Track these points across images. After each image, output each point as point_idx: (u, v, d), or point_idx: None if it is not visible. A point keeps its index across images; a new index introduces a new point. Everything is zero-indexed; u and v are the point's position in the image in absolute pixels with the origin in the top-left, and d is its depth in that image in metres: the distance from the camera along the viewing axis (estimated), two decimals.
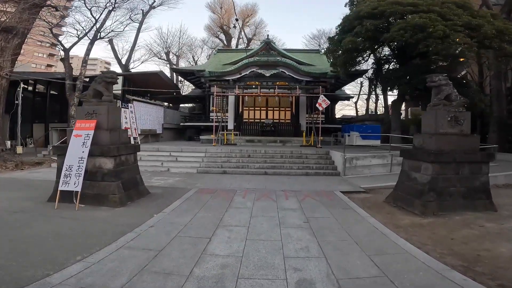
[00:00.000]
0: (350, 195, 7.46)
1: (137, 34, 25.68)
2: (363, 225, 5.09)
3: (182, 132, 22.37)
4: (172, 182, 8.55)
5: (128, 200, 5.96)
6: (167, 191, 7.42)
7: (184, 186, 8.08)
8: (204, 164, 10.52)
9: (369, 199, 7.17)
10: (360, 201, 6.90)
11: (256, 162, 10.59)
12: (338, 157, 10.23)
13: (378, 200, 6.98)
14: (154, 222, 5.00)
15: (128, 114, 14.43)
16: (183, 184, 8.36)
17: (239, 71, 17.25)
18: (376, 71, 14.83)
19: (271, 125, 17.35)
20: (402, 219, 5.46)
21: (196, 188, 7.82)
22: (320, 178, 9.56)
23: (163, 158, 11.16)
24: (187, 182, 8.63)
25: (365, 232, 4.68)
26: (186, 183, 8.50)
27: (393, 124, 13.74)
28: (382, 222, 5.17)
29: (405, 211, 5.91)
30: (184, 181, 8.78)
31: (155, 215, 5.36)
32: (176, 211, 5.72)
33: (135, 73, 22.05)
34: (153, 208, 5.84)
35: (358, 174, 9.88)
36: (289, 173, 9.84)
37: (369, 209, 6.15)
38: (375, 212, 5.91)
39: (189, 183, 8.43)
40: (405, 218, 5.53)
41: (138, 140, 15.06)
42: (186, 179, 9.01)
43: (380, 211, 6.03)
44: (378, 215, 5.70)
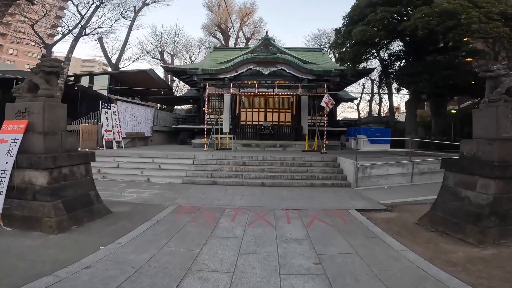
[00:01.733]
0: (369, 214, 5.92)
1: (129, 32, 24.28)
2: (401, 264, 3.57)
3: (175, 135, 20.82)
4: (147, 197, 6.98)
5: (73, 223, 4.42)
6: (137, 210, 5.85)
7: (161, 202, 6.51)
8: (191, 173, 8.96)
9: (395, 220, 5.60)
10: (385, 223, 5.34)
11: (252, 170, 9.03)
12: (349, 165, 8.68)
13: (407, 221, 5.44)
14: (95, 259, 3.49)
15: (110, 115, 12.92)
16: (160, 199, 6.79)
17: (235, 69, 15.77)
18: (386, 68, 13.35)
19: (270, 128, 15.81)
20: (452, 252, 3.96)
21: (175, 205, 6.26)
22: (327, 190, 7.99)
23: (144, 165, 9.60)
24: (166, 196, 7.07)
25: (408, 278, 3.18)
26: (164, 197, 6.93)
27: (407, 127, 12.21)
28: (427, 258, 3.69)
29: (451, 238, 4.42)
30: (163, 194, 7.21)
31: (102, 248, 3.85)
32: (135, 241, 4.18)
33: (122, 71, 20.61)
34: (106, 235, 4.32)
35: (372, 185, 8.32)
36: (291, 184, 8.27)
37: (400, 236, 4.61)
38: (410, 241, 4.39)
39: (168, 198, 6.87)
40: (457, 249, 4.03)
41: (122, 144, 13.54)
42: (166, 192, 7.43)
43: (417, 239, 4.49)
44: (416, 246, 4.18)
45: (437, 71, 9.84)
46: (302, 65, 15.62)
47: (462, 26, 7.88)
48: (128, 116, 14.62)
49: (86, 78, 19.55)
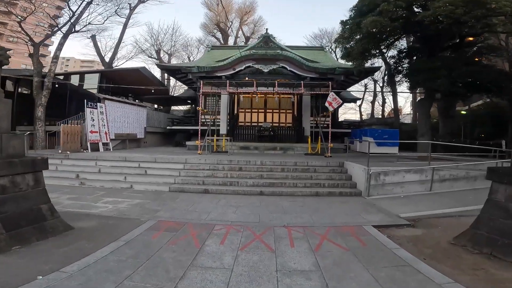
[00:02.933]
0: (389, 231, 4.91)
1: (123, 30, 23.34)
2: None
3: (171, 137, 19.82)
4: (124, 208, 5.94)
5: (15, 243, 3.46)
6: (106, 225, 4.83)
7: (139, 215, 5.47)
8: (181, 179, 7.93)
9: (423, 239, 4.57)
10: (412, 244, 4.32)
11: (249, 177, 8.00)
12: (359, 171, 7.65)
13: (440, 241, 4.44)
14: None
15: (97, 115, 11.92)
16: (138, 211, 5.75)
17: (232, 66, 14.78)
18: (395, 66, 12.35)
19: (270, 129, 14.80)
20: None
21: (155, 219, 5.23)
22: (335, 200, 6.95)
23: (129, 170, 8.58)
24: (147, 207, 6.03)
25: None
26: (144, 209, 5.89)
27: (420, 129, 11.19)
28: None
29: (503, 263, 3.49)
30: (144, 205, 6.17)
31: (40, 278, 2.96)
32: (89, 270, 3.18)
33: (113, 70, 19.62)
34: (53, 260, 3.36)
35: (386, 193, 7.29)
36: (293, 193, 7.23)
37: (437, 261, 3.66)
38: (451, 267, 3.45)
39: (148, 210, 5.83)
40: None
41: (110, 146, 12.53)
42: (149, 203, 6.39)
43: (459, 265, 3.52)
44: (461, 275, 3.26)
45: (458, 67, 8.85)
46: (304, 62, 14.63)
47: (491, 15, 6.88)
48: (118, 117, 13.62)
49: (77, 77, 18.59)
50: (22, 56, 51.36)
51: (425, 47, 10.91)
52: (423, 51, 11.33)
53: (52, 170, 8.94)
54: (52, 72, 16.14)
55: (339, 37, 11.22)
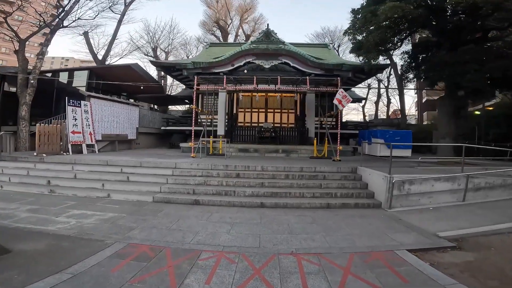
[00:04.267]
0: (431, 257, 3.85)
1: (118, 26, 22.27)
2: None
3: (166, 138, 18.70)
4: (90, 224, 4.77)
5: None
6: (56, 249, 3.69)
7: (105, 235, 4.31)
8: (168, 187, 6.75)
9: (480, 266, 3.44)
10: (469, 275, 3.26)
11: (248, 185, 6.82)
12: (377, 179, 6.47)
13: (503, 267, 3.41)
14: None
15: (80, 115, 10.79)
16: (106, 229, 4.58)
17: (231, 62, 13.59)
18: (411, 60, 11.18)
19: (271, 130, 13.63)
20: None
21: (125, 242, 4.07)
22: (351, 214, 5.77)
23: (109, 176, 7.41)
24: (120, 224, 4.86)
25: None
26: (115, 227, 4.72)
27: (441, 129, 10.02)
28: None
29: None
30: (116, 221, 5.00)
31: None
32: None
33: (102, 66, 18.53)
34: None
35: (411, 205, 6.12)
36: (300, 205, 6.05)
37: None
38: None
39: (119, 228, 4.66)
40: None
41: (96, 148, 11.38)
42: (123, 217, 5.22)
43: None
44: None
45: (490, 60, 7.70)
46: (308, 57, 13.44)
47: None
48: (106, 116, 12.49)
49: (66, 74, 17.48)
50: None
51: (445, 40, 9.78)
52: (441, 45, 10.19)
53: (22, 175, 7.84)
54: (37, 69, 15.06)
55: (350, 28, 10.06)
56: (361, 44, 9.71)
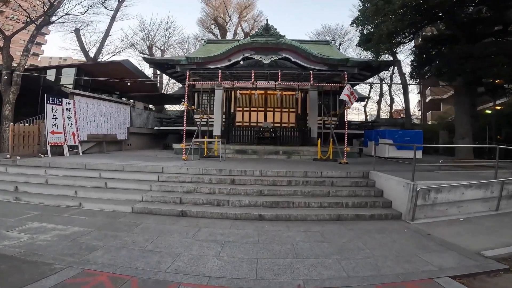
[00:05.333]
0: (483, 284, 2.91)
1: (111, 23, 21.34)
2: None
3: (161, 139, 17.76)
4: (43, 242, 3.81)
5: None
6: None
7: (57, 256, 3.36)
8: (151, 196, 5.79)
9: None
10: None
11: (244, 193, 5.86)
12: (396, 186, 5.52)
13: None
14: None
15: (61, 113, 9.84)
16: (62, 248, 3.63)
17: (228, 57, 12.69)
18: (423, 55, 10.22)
19: (271, 130, 12.67)
20: None
21: (78, 268, 3.15)
22: (367, 228, 4.81)
23: (85, 182, 6.46)
24: (82, 242, 3.90)
25: None
26: (75, 245, 3.76)
27: (459, 129, 9.07)
28: None
29: None
30: (78, 238, 4.04)
31: None
32: None
33: (91, 63, 17.57)
34: None
35: (438, 216, 5.18)
36: (306, 217, 5.10)
37: None
38: None
39: (80, 247, 3.70)
40: None
41: (80, 150, 10.43)
42: (89, 233, 4.26)
43: None
44: None
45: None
46: (311, 52, 12.55)
47: None
48: (92, 115, 11.53)
49: (53, 72, 16.54)
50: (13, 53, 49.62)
51: (461, 34, 8.87)
52: (457, 39, 9.29)
53: None
54: (21, 66, 14.14)
55: (360, 17, 9.08)
56: (371, 36, 8.76)
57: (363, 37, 9.93)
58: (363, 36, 9.81)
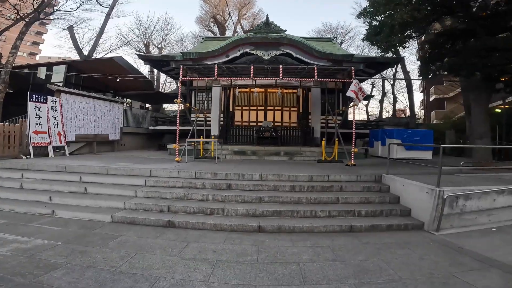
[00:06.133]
0: None
1: (106, 20, 20.71)
2: None
3: (157, 139, 17.04)
4: None
5: None
6: None
7: (3, 277, 2.64)
8: (134, 203, 5.07)
9: None
10: None
11: (241, 200, 5.14)
12: (417, 192, 4.81)
13: None
14: None
15: (46, 112, 9.14)
16: (12, 268, 2.89)
17: (225, 52, 12.01)
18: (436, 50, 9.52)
19: (272, 130, 11.96)
20: None
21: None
22: (386, 241, 4.09)
23: (63, 186, 5.74)
24: (40, 259, 3.17)
25: None
26: (31, 263, 3.03)
27: (477, 129, 8.35)
28: None
29: None
30: (38, 254, 3.31)
31: None
32: None
33: (82, 61, 16.90)
34: None
35: (466, 225, 4.48)
36: (312, 228, 4.38)
37: None
38: None
39: (34, 267, 2.96)
40: None
41: (66, 151, 9.73)
42: (54, 248, 3.53)
43: None
44: None
45: None
46: (314, 47, 11.87)
47: None
48: (81, 114, 10.83)
49: (45, 69, 15.87)
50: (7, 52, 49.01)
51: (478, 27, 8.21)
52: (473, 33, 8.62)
53: None
54: (9, 64, 13.50)
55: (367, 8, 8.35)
56: (380, 28, 8.06)
57: (370, 30, 9.24)
58: (371, 30, 9.13)
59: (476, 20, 8.49)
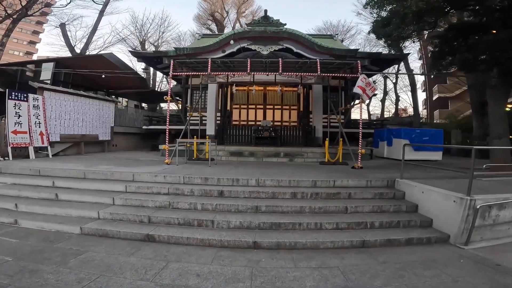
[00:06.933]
0: None
1: (100, 17, 20.06)
2: None
3: (151, 139, 16.34)
4: None
5: None
6: None
7: None
8: (111, 211, 4.37)
9: None
10: None
11: (235, 210, 4.44)
12: (442, 200, 4.11)
13: None
14: None
15: (26, 111, 8.45)
16: None
17: (221, 47, 11.36)
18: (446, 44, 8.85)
19: (271, 130, 11.25)
20: None
21: None
22: (407, 259, 3.39)
23: (32, 192, 5.05)
24: None
25: None
26: None
27: (495, 128, 7.65)
28: None
29: None
30: None
31: None
32: None
33: (70, 57, 16.15)
34: None
35: (498, 237, 3.80)
36: (318, 244, 3.68)
37: None
38: None
39: None
40: None
41: (49, 152, 9.04)
42: (2, 265, 2.85)
43: None
44: None
45: None
46: (316, 42, 11.21)
47: None
48: (66, 113, 10.14)
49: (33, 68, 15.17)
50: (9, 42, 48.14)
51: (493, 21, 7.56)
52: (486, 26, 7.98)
53: None
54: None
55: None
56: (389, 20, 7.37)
57: (377, 23, 8.55)
58: (378, 22, 8.44)
59: (492, 13, 7.85)
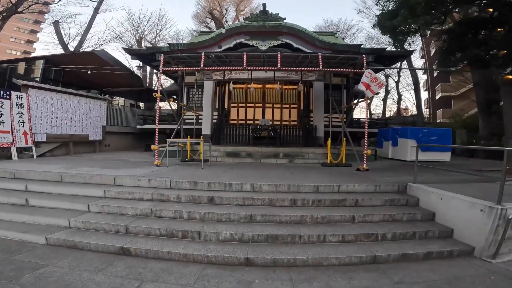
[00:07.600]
0: None
1: (94, 15, 19.52)
2: None
3: (146, 139, 15.78)
4: None
5: None
6: None
7: None
8: (83, 220, 3.82)
9: None
10: None
11: (226, 219, 3.89)
12: (466, 209, 3.57)
13: None
14: None
15: (9, 109, 7.92)
16: None
17: (218, 42, 10.83)
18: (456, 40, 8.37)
19: (270, 129, 10.69)
20: None
21: None
22: (425, 276, 2.82)
23: (1, 197, 4.50)
24: None
25: None
26: None
27: (509, 127, 7.11)
28: None
29: None
30: None
31: None
32: None
33: (60, 54, 15.63)
34: None
35: None
36: (320, 260, 3.12)
37: None
38: None
39: None
40: None
41: (34, 152, 8.50)
42: None
43: None
44: None
45: None
46: (316, 37, 10.68)
47: None
48: (53, 111, 9.59)
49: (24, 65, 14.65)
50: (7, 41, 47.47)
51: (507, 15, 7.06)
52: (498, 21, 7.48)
53: None
54: None
55: None
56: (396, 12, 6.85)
57: (383, 15, 8.03)
58: (384, 15, 7.92)
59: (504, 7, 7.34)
